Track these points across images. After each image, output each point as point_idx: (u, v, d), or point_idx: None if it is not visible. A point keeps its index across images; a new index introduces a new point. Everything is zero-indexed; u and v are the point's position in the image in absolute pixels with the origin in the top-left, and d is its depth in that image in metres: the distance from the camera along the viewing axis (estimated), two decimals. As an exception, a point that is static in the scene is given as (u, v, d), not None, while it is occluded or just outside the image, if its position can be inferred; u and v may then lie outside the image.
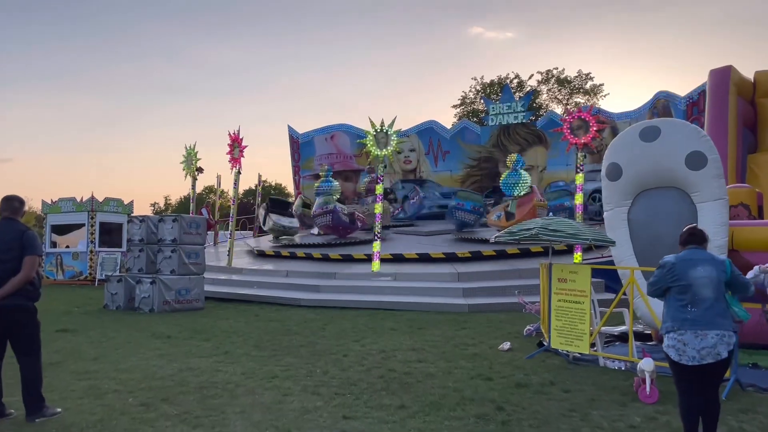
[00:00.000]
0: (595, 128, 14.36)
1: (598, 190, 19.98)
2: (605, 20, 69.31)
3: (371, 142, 15.07)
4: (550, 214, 16.25)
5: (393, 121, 15.06)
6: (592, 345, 7.06)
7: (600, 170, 21.25)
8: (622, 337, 8.22)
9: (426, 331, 9.44)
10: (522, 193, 17.22)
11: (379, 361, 7.07)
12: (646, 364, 5.39)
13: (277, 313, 11.70)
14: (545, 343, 7.95)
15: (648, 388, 5.31)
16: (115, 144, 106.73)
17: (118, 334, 9.03)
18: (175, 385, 5.85)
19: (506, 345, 7.84)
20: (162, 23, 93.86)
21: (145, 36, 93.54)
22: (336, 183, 21.63)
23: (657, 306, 6.87)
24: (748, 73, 14.68)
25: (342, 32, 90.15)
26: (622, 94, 72.72)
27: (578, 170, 14.52)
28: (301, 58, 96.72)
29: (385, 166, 15.53)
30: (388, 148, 14.98)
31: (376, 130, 15.04)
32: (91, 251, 20.46)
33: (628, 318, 7.36)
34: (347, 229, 18.18)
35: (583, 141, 14.38)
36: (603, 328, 7.21)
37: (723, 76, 13.86)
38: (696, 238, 4.25)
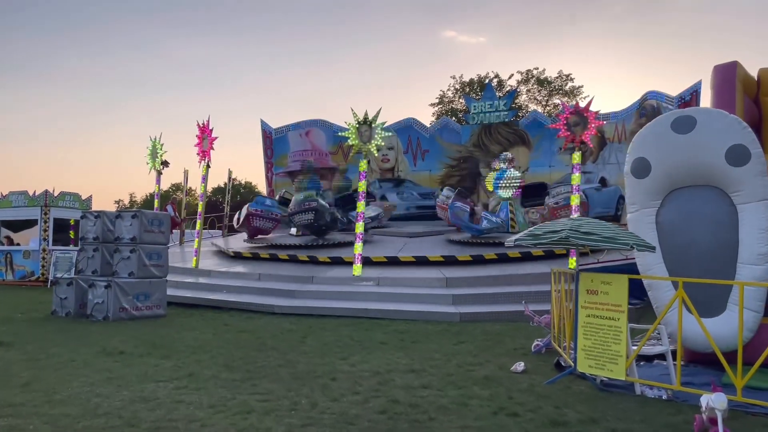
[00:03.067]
0: (593, 125, 13.45)
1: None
2: (580, 25, 69.29)
3: (354, 136, 13.88)
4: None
5: (377, 113, 13.91)
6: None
7: (585, 172, 19.94)
8: (644, 356, 7.23)
9: (420, 345, 8.31)
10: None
11: (375, 386, 5.91)
12: (718, 401, 4.35)
13: (249, 322, 10.44)
14: (563, 364, 6.91)
15: (721, 431, 4.27)
16: (80, 139, 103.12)
17: (62, 350, 7.66)
18: (123, 424, 4.59)
19: (520, 366, 6.76)
20: (130, 16, 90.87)
21: (113, 29, 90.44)
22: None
23: (708, 324, 5.90)
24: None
25: (313, 32, 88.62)
26: (605, 96, 72.95)
27: (575, 170, 13.59)
28: (273, 56, 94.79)
29: (369, 162, 14.36)
30: (372, 142, 13.81)
31: (359, 122, 13.86)
32: (44, 250, 18.81)
33: (665, 336, 6.38)
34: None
35: (580, 138, 13.45)
36: (633, 348, 6.16)
37: (729, 72, 12.96)
38: None
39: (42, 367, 6.60)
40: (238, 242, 19.36)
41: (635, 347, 6.12)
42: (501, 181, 16.74)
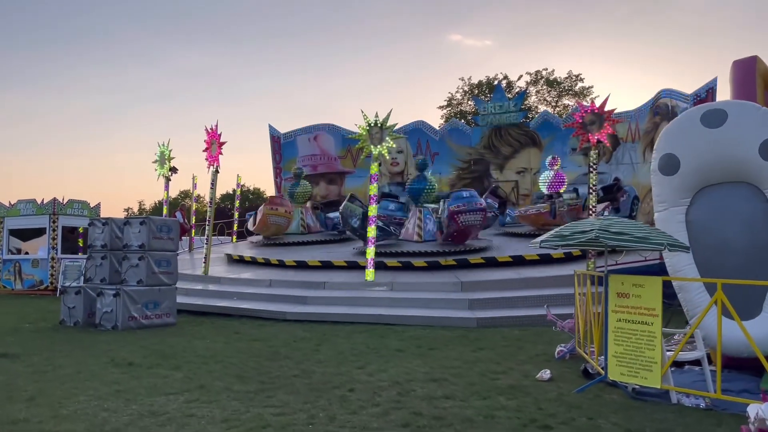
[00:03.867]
0: (609, 123, 13.13)
1: None
2: (585, 27, 68.97)
3: (364, 138, 13.61)
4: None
5: (388, 115, 13.64)
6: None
7: (599, 173, 19.85)
8: (675, 362, 6.89)
9: (438, 352, 8.02)
10: None
11: (395, 397, 5.62)
12: (769, 412, 4.04)
13: (261, 330, 10.18)
14: (591, 371, 6.60)
15: (773, 444, 3.96)
16: (88, 147, 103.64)
17: (69, 361, 7.42)
18: (131, 442, 4.34)
19: (546, 374, 6.45)
20: (136, 26, 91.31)
21: (119, 38, 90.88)
22: (306, 183, 20.53)
23: (749, 328, 5.56)
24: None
25: (317, 37, 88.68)
26: (615, 96, 72.40)
27: (591, 170, 13.26)
28: (280, 64, 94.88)
29: (380, 164, 14.08)
30: (384, 144, 13.53)
31: (369, 125, 13.60)
32: (53, 258, 18.66)
33: (700, 340, 6.05)
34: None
35: (597, 137, 13.13)
36: (668, 354, 5.84)
37: (748, 66, 12.63)
38: None
39: (48, 380, 6.35)
40: (248, 248, 19.16)
41: (669, 353, 5.80)
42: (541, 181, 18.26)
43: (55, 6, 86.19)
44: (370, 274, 13.04)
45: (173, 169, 18.64)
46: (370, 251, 13.27)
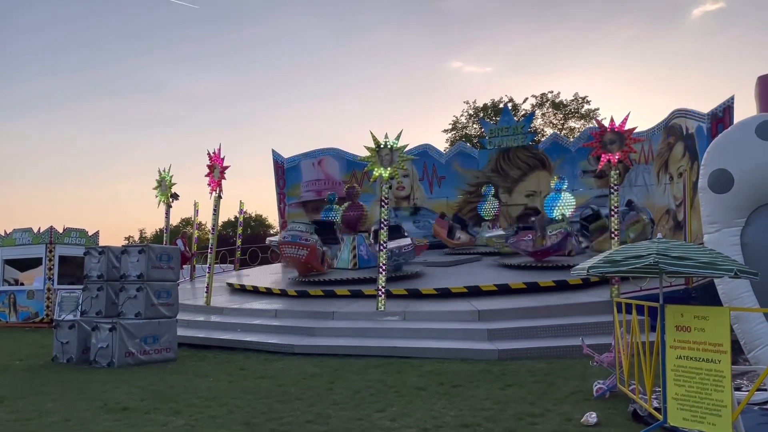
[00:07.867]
0: (630, 142, 12.54)
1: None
2: (588, 51, 68.98)
3: (374, 160, 13.01)
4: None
5: (399, 135, 13.07)
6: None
7: (608, 195, 19.29)
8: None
9: (464, 390, 7.30)
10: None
11: (426, 449, 4.91)
12: None
13: (268, 365, 9.45)
14: (641, 413, 5.88)
15: None
16: (89, 176, 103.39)
17: (57, 406, 6.68)
18: None
19: (592, 417, 5.73)
20: (137, 53, 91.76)
21: (120, 66, 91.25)
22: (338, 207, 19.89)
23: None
24: None
25: (321, 65, 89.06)
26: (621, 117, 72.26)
27: (612, 191, 12.63)
28: (282, 91, 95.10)
29: (390, 188, 13.47)
30: (394, 165, 12.93)
31: (379, 146, 13.01)
32: (49, 289, 17.95)
33: (771, 380, 5.34)
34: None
35: (617, 157, 12.53)
36: (737, 395, 5.14)
37: (774, 82, 12.23)
38: None
39: (31, 430, 5.63)
40: (251, 277, 18.48)
41: (737, 393, 5.10)
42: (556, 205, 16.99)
43: (53, 34, 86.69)
44: (381, 302, 12.33)
45: (174, 195, 18.03)
46: (382, 278, 12.58)
